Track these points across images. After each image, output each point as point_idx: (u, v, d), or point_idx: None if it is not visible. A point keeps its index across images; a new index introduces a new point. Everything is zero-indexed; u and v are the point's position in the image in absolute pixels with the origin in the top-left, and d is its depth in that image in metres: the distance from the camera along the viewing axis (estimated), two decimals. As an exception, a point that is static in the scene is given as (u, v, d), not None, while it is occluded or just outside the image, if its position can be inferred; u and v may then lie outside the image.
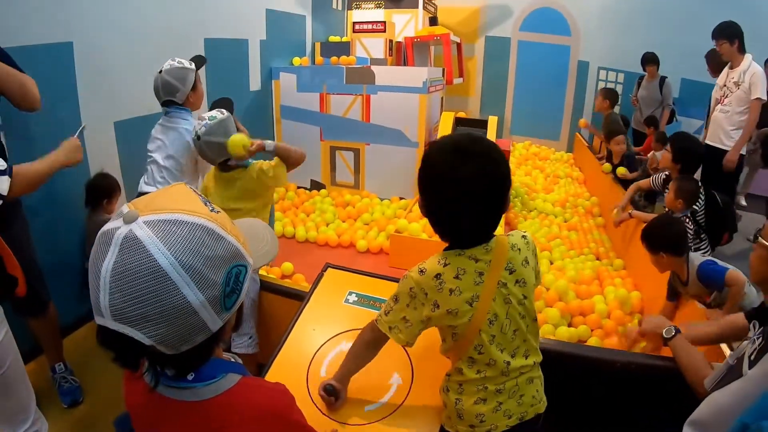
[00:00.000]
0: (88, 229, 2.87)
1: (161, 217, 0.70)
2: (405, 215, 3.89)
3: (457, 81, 5.66)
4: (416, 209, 4.07)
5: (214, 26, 3.98)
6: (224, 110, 2.39)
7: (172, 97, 2.54)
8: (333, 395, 1.43)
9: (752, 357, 1.34)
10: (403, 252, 3.53)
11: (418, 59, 5.46)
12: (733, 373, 1.42)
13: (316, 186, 5.08)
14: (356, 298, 1.83)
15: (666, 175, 3.56)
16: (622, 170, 4.66)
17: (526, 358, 1.36)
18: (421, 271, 1.27)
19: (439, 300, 1.26)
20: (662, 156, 3.57)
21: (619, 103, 5.59)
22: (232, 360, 0.89)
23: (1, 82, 1.95)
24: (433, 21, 5.81)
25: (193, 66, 2.59)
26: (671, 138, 3.68)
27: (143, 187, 2.62)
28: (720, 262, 2.50)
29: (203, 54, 3.76)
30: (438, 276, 1.26)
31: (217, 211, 0.78)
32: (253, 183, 2.35)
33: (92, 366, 2.62)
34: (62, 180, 2.65)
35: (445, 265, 1.26)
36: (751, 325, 1.60)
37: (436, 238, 1.31)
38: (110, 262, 0.68)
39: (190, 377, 0.80)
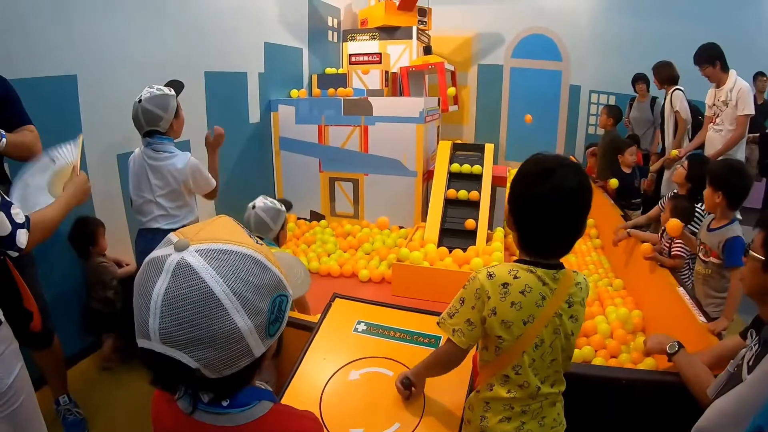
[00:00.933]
0: (88, 276, 2.90)
1: (212, 246, 0.74)
2: (406, 244, 3.93)
3: (452, 108, 5.75)
4: (416, 237, 4.12)
5: (214, 59, 4.07)
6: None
7: (155, 126, 2.48)
8: (408, 388, 1.51)
9: (750, 363, 1.40)
10: (405, 280, 3.57)
11: (413, 88, 5.55)
12: (733, 379, 1.47)
13: (316, 217, 5.13)
14: (365, 327, 1.85)
15: (674, 192, 3.63)
16: (614, 182, 4.74)
17: (552, 387, 1.40)
18: (490, 275, 1.31)
19: (498, 308, 1.29)
20: (677, 171, 3.62)
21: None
22: (263, 387, 0.90)
23: (12, 155, 2.02)
24: (428, 50, 5.92)
25: (173, 92, 2.55)
26: (691, 157, 3.75)
27: (150, 224, 2.59)
28: None
29: (202, 86, 3.87)
30: (505, 285, 1.29)
31: (261, 243, 0.81)
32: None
33: (96, 398, 2.65)
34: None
35: (516, 277, 1.30)
36: (749, 333, 1.67)
37: (439, 265, 1.39)
38: (162, 287, 0.70)
39: (224, 403, 0.82)
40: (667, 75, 5.07)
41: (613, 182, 4.79)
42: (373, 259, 4.16)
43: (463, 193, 4.32)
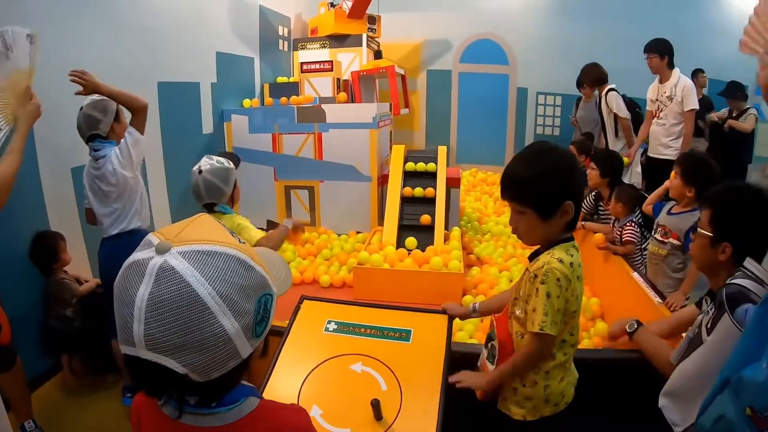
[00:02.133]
0: (49, 291, 2.82)
1: (195, 248, 0.72)
2: (365, 248, 3.98)
3: (403, 111, 5.84)
4: (375, 241, 4.17)
5: (167, 70, 4.04)
6: (231, 162, 2.50)
7: (96, 130, 2.52)
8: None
9: (708, 325, 1.52)
10: (367, 283, 3.60)
11: (365, 93, 5.61)
12: (694, 343, 1.58)
13: (273, 226, 5.04)
14: (336, 326, 1.88)
15: (596, 193, 3.79)
16: None
17: None
18: (560, 260, 1.46)
19: (575, 286, 1.48)
20: (590, 174, 3.77)
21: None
22: (246, 383, 0.89)
23: None
24: (378, 55, 6.00)
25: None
26: (594, 156, 3.91)
27: (110, 230, 2.62)
28: None
29: (155, 96, 3.86)
30: (572, 264, 1.47)
31: (244, 242, 0.80)
32: None
33: (62, 422, 2.59)
34: (22, 231, 2.69)
35: (572, 255, 1.49)
36: (704, 300, 1.79)
37: (399, 266, 1.46)
38: (146, 293, 0.68)
39: (213, 403, 0.81)
40: (595, 76, 5.31)
41: None
42: (332, 264, 4.18)
43: (419, 191, 4.39)
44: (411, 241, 4.00)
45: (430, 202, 4.34)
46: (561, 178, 1.46)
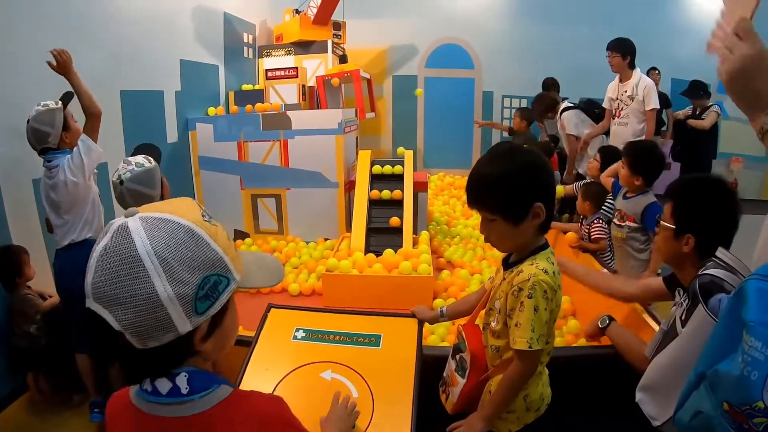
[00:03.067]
0: (12, 307, 2.73)
1: (155, 215, 0.77)
2: (333, 254, 3.95)
3: (369, 116, 5.85)
4: (343, 247, 4.15)
5: (129, 78, 3.96)
6: (152, 159, 2.35)
7: (46, 143, 2.46)
8: None
9: (683, 317, 1.53)
10: (336, 290, 3.57)
11: (330, 98, 5.61)
12: (668, 336, 1.60)
13: (240, 235, 5.04)
14: (304, 334, 1.85)
15: (585, 183, 3.84)
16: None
17: None
18: (545, 271, 1.39)
19: (559, 294, 1.44)
20: (590, 164, 3.82)
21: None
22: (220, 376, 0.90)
23: None
24: (343, 59, 5.99)
25: (60, 105, 2.51)
26: (600, 150, 3.96)
27: (63, 241, 2.57)
28: None
29: (118, 105, 3.80)
30: (554, 273, 1.42)
31: (214, 224, 0.83)
32: None
33: None
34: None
35: (552, 263, 1.44)
36: (677, 292, 1.80)
37: (368, 272, 1.43)
38: (101, 245, 0.75)
39: (184, 390, 0.82)
40: (542, 109, 5.40)
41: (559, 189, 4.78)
42: (301, 272, 4.15)
43: (386, 193, 4.41)
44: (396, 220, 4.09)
45: (398, 204, 4.35)
46: (526, 177, 1.39)
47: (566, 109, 5.20)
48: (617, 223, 2.98)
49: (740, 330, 0.91)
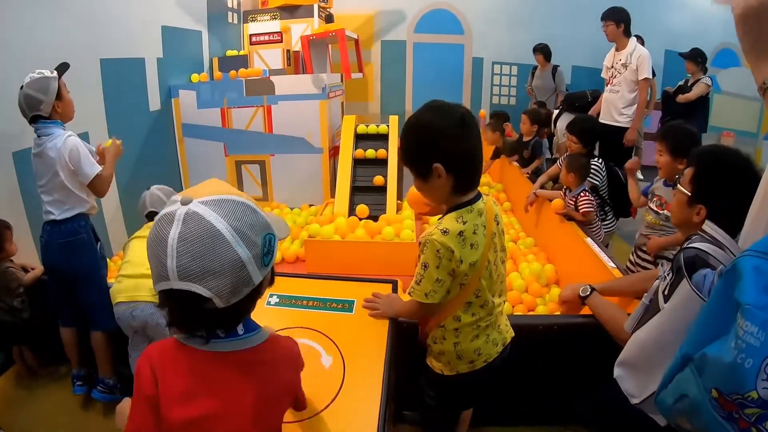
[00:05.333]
0: None
1: (211, 198, 0.89)
2: (315, 220, 3.94)
3: (356, 76, 5.74)
4: (327, 213, 4.13)
5: (109, 46, 3.86)
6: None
7: (37, 111, 2.39)
8: None
9: (665, 292, 1.48)
10: (319, 256, 3.56)
11: (316, 63, 5.50)
12: (650, 311, 1.55)
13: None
14: (278, 300, 1.84)
15: (568, 155, 3.79)
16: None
17: (500, 297, 1.64)
18: (444, 231, 1.42)
19: (463, 256, 1.43)
20: (567, 139, 3.77)
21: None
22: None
23: None
24: (329, 19, 5.89)
25: (55, 74, 2.45)
26: (572, 121, 3.88)
27: (46, 216, 2.50)
28: None
29: (98, 74, 3.73)
30: (461, 233, 1.43)
31: (258, 196, 0.94)
32: None
33: (17, 418, 2.53)
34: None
35: (464, 222, 1.44)
36: (661, 264, 1.76)
37: (351, 238, 1.44)
38: (176, 233, 0.85)
39: (240, 331, 0.99)
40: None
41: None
42: (285, 239, 4.12)
43: (371, 152, 4.38)
44: (362, 208, 3.98)
45: (383, 163, 4.33)
46: (424, 138, 1.43)
47: (558, 117, 5.27)
48: (653, 208, 2.74)
49: (732, 312, 0.86)
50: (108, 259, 3.30)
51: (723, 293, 0.91)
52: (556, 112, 5.37)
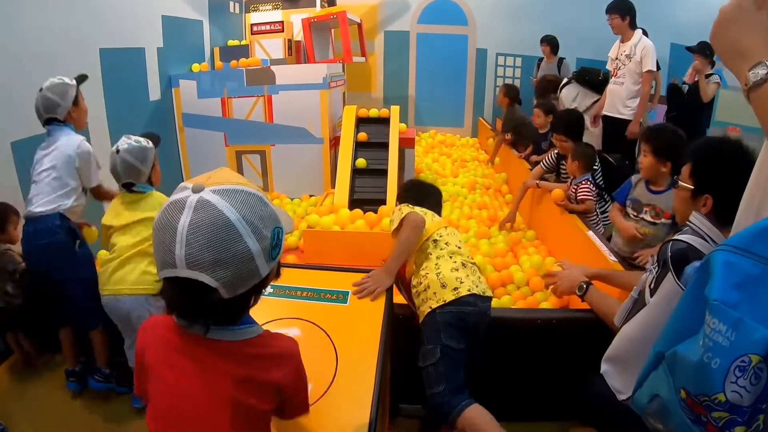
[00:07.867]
0: None
1: (223, 187, 0.88)
2: (315, 210, 3.91)
3: (357, 59, 5.70)
4: (327, 203, 4.10)
5: (108, 36, 3.83)
6: (151, 142, 2.42)
7: (53, 113, 2.46)
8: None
9: (652, 285, 1.45)
10: (318, 247, 3.52)
11: (318, 50, 5.47)
12: (638, 305, 1.53)
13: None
14: (272, 290, 1.79)
15: (557, 153, 3.76)
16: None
17: (471, 259, 2.02)
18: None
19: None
20: (555, 140, 3.73)
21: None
22: None
23: None
24: (332, 2, 5.85)
25: (74, 82, 2.54)
26: (553, 123, 3.87)
27: (31, 209, 2.46)
28: None
29: (98, 64, 3.69)
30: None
31: (260, 186, 0.94)
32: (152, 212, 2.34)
33: (14, 405, 2.52)
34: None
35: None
36: (650, 257, 1.73)
37: (350, 228, 1.49)
38: (186, 221, 0.84)
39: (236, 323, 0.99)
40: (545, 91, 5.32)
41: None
42: (285, 229, 4.11)
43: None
44: (361, 161, 4.09)
45: (384, 147, 4.32)
46: None
47: (564, 85, 5.18)
48: (649, 220, 2.64)
49: (701, 310, 0.82)
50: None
51: (696, 289, 0.87)
52: (564, 80, 5.31)
